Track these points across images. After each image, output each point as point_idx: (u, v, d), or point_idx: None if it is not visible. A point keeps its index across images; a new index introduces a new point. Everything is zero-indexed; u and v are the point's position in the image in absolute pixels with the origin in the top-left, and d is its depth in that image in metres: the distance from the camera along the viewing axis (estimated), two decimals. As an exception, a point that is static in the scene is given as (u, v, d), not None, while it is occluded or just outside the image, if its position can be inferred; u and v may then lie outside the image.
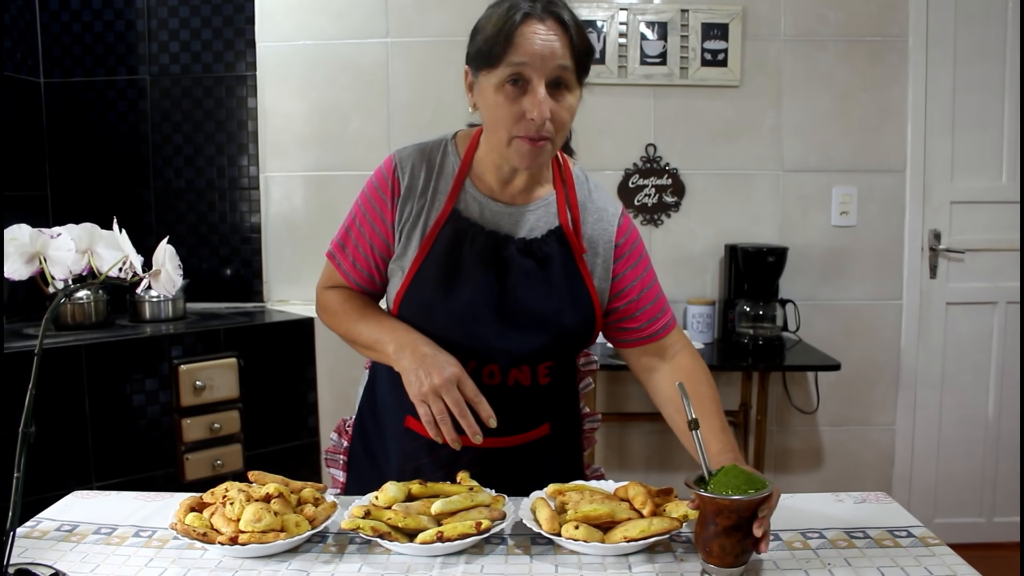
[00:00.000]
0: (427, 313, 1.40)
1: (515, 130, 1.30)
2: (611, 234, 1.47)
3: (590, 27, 3.12)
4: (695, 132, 3.22)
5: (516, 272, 1.40)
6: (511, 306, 1.39)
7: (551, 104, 1.28)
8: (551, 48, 1.26)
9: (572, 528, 1.17)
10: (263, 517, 1.16)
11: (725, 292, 3.21)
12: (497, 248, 1.40)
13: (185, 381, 2.68)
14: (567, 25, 1.28)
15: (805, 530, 1.26)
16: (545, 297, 1.40)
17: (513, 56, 1.26)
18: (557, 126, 1.30)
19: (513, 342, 1.39)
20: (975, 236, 3.27)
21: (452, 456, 1.40)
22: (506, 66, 1.27)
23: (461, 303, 1.38)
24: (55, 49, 3.18)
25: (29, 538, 1.26)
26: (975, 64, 3.20)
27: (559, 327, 1.41)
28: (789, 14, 3.17)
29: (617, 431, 3.35)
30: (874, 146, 3.23)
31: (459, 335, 1.38)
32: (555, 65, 1.27)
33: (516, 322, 1.39)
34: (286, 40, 3.19)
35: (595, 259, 1.46)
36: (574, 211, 1.45)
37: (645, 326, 1.50)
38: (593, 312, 1.44)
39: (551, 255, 1.41)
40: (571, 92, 1.31)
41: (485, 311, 1.38)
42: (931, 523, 3.25)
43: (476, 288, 1.38)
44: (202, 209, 3.25)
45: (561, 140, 1.35)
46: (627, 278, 1.48)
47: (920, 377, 3.33)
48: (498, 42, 1.27)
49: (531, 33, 1.26)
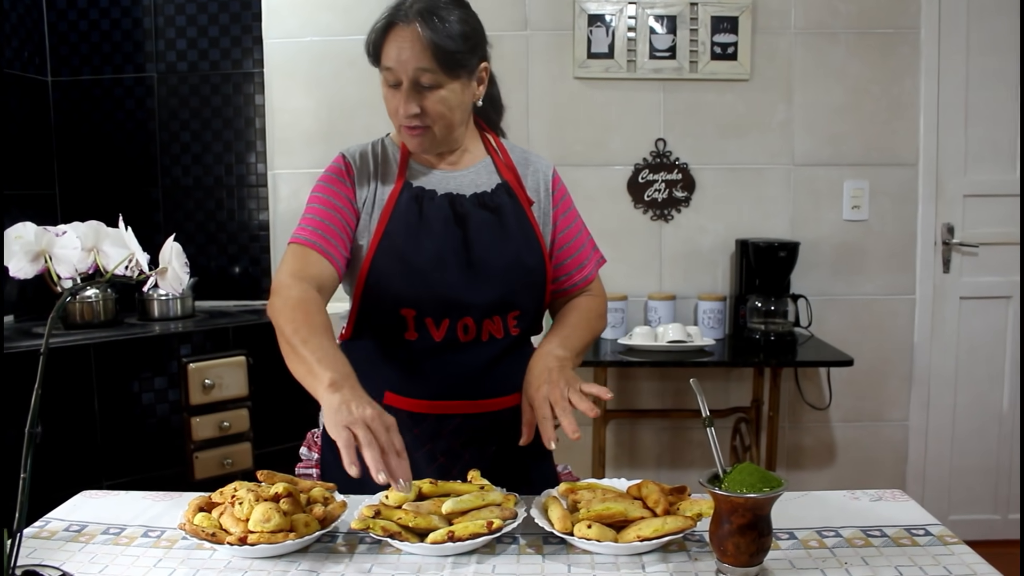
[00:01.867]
0: (397, 272, 1.46)
1: (396, 120, 1.48)
2: (548, 186, 1.61)
3: (598, 21, 3.11)
4: (705, 126, 3.20)
5: (475, 222, 1.50)
6: (475, 254, 1.48)
7: (419, 100, 1.43)
8: (410, 51, 1.40)
9: (585, 527, 1.15)
10: (272, 517, 1.15)
11: (736, 287, 3.19)
12: (453, 204, 1.51)
13: (194, 379, 2.68)
14: (428, 26, 1.40)
15: (821, 528, 1.25)
16: (504, 243, 1.51)
17: (384, 62, 1.44)
18: (434, 117, 1.45)
19: (481, 290, 1.47)
20: (988, 230, 3.23)
21: (435, 428, 1.49)
22: (382, 70, 1.46)
23: (429, 256, 1.46)
24: (62, 47, 3.18)
25: (38, 538, 1.25)
26: (988, 56, 3.17)
27: (520, 270, 1.51)
28: (799, 6, 3.14)
29: (628, 428, 3.33)
30: (886, 139, 3.20)
31: (431, 289, 1.46)
32: (415, 68, 1.41)
33: (481, 269, 1.48)
34: (293, 36, 3.18)
35: (537, 209, 1.59)
36: (513, 170, 1.59)
37: (574, 272, 1.63)
38: (543, 256, 1.55)
39: (503, 205, 1.53)
40: (441, 87, 1.43)
41: (452, 261, 1.47)
42: (945, 520, 3.22)
43: (441, 241, 1.48)
44: (210, 207, 3.24)
45: (445, 126, 1.47)
46: (559, 227, 1.61)
47: (933, 372, 3.30)
48: (372, 48, 1.46)
49: (394, 40, 1.42)
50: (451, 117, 1.47)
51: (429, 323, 1.47)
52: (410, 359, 1.49)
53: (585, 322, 1.59)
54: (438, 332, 1.48)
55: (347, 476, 1.52)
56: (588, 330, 1.59)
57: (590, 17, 3.12)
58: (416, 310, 1.47)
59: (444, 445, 1.50)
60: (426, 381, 1.50)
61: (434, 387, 1.49)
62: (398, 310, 1.47)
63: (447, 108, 1.45)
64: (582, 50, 3.14)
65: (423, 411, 1.49)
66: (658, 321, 3.10)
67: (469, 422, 1.50)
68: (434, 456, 1.50)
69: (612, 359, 2.88)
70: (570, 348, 1.50)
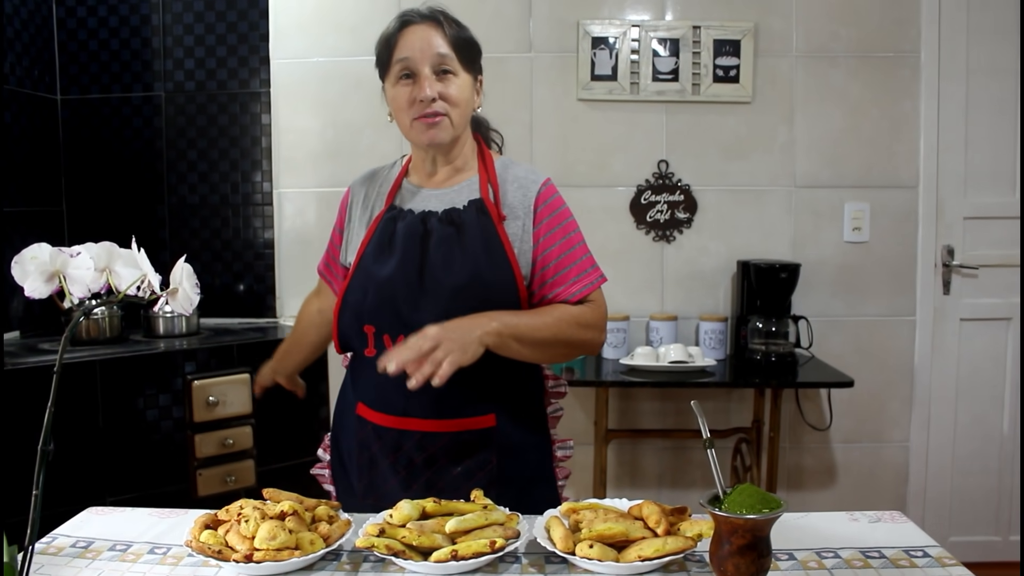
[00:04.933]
0: (362, 290, 1.53)
1: (412, 112, 1.52)
2: (530, 201, 1.57)
3: (602, 44, 3.14)
4: (707, 148, 3.23)
5: (435, 239, 1.52)
6: (429, 272, 1.50)
7: (439, 86, 1.50)
8: (428, 41, 1.50)
9: (586, 547, 1.17)
10: (278, 535, 1.16)
11: (738, 308, 3.20)
12: (422, 222, 1.55)
13: (198, 396, 2.69)
14: (440, 22, 1.52)
15: (820, 549, 1.26)
16: (460, 260, 1.50)
17: (398, 54, 1.51)
18: (450, 103, 1.51)
19: (430, 306, 1.48)
20: (988, 252, 3.25)
21: (396, 441, 1.54)
22: (395, 64, 1.52)
23: (385, 274, 1.52)
24: (72, 67, 3.22)
25: (45, 554, 1.26)
26: (987, 79, 3.20)
27: (477, 287, 1.49)
28: (801, 30, 3.18)
29: (629, 448, 3.34)
30: (887, 162, 3.23)
31: (384, 305, 1.51)
32: (434, 53, 1.50)
33: (432, 286, 1.49)
34: (300, 57, 3.21)
35: (515, 224, 1.55)
36: (494, 185, 1.58)
37: (560, 290, 1.55)
38: (512, 275, 1.52)
39: (468, 221, 1.53)
40: (457, 75, 1.52)
41: (407, 278, 1.50)
42: (946, 541, 3.23)
43: (400, 259, 1.52)
44: (216, 225, 3.27)
45: (459, 116, 1.54)
46: (542, 245, 1.55)
47: (934, 393, 3.31)
48: (386, 47, 1.53)
49: (410, 34, 1.51)
50: (464, 108, 1.55)
51: (387, 340, 1.52)
52: (373, 374, 1.48)
53: (550, 318, 1.51)
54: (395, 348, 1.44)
55: (353, 486, 1.60)
56: (548, 326, 1.50)
57: (594, 40, 3.15)
58: (375, 326, 1.53)
59: (405, 459, 1.54)
60: (386, 397, 1.54)
61: (393, 403, 1.53)
62: (361, 327, 1.54)
63: (462, 97, 1.53)
64: (586, 72, 3.17)
65: (386, 425, 1.55)
66: (660, 341, 3.11)
67: (429, 440, 1.52)
68: (397, 469, 1.54)
69: (614, 379, 2.89)
70: (507, 323, 1.44)
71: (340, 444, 1.68)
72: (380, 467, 1.56)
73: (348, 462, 1.65)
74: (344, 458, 1.67)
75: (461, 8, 1.62)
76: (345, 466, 1.67)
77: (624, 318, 3.14)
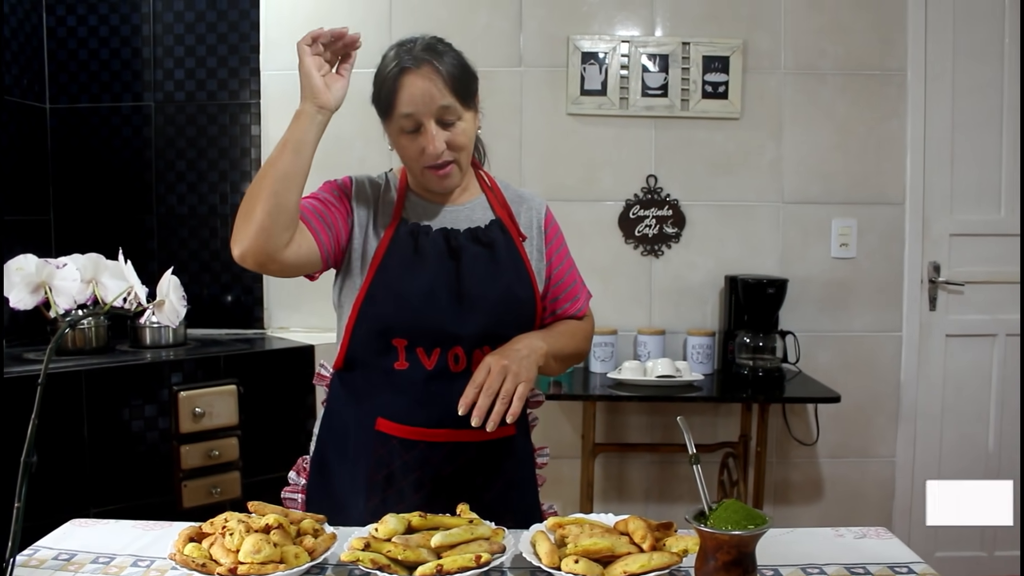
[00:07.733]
0: (391, 304, 1.52)
1: (421, 162, 1.51)
2: (540, 223, 1.67)
3: (592, 59, 3.16)
4: (696, 164, 3.24)
5: (468, 257, 1.55)
6: (466, 287, 1.53)
7: (445, 136, 1.49)
8: (430, 94, 1.46)
9: (572, 562, 1.16)
10: (262, 548, 1.16)
11: (725, 323, 3.21)
12: (448, 239, 1.56)
13: (184, 407, 2.68)
14: (439, 68, 1.46)
15: (805, 565, 1.26)
16: (495, 277, 1.55)
17: (400, 108, 1.47)
18: (457, 149, 1.51)
19: (471, 321, 1.52)
20: (974, 268, 3.28)
21: (425, 456, 1.52)
22: (399, 118, 1.48)
23: (422, 288, 1.51)
24: (61, 76, 3.21)
25: (27, 567, 1.25)
26: (973, 97, 3.23)
27: (511, 302, 1.56)
28: (789, 48, 3.20)
29: (616, 462, 3.34)
30: (874, 178, 3.25)
31: (423, 319, 1.51)
32: (437, 106, 1.47)
33: (472, 302, 1.52)
34: (290, 69, 3.16)
35: (531, 245, 1.64)
36: (506, 207, 1.64)
37: (568, 306, 1.70)
38: (533, 290, 1.60)
39: (496, 240, 1.58)
40: (461, 119, 1.50)
41: (444, 293, 1.52)
42: (932, 557, 3.23)
43: (434, 274, 1.53)
44: (204, 235, 3.26)
45: (467, 157, 1.55)
46: (554, 263, 1.67)
47: (920, 409, 3.32)
48: (384, 98, 1.50)
49: (409, 84, 1.46)
50: (470, 146, 1.55)
51: (420, 353, 1.52)
52: (402, 387, 1.53)
53: (571, 334, 1.65)
54: (429, 361, 1.52)
55: (330, 504, 1.56)
56: (572, 341, 1.65)
57: (584, 55, 3.17)
58: (407, 340, 1.52)
59: (432, 472, 1.53)
60: (418, 409, 1.53)
61: (425, 415, 1.52)
62: (389, 340, 1.52)
63: (468, 139, 1.53)
64: (575, 87, 3.18)
65: (414, 438, 1.52)
66: (647, 356, 3.12)
67: (459, 451, 1.53)
68: (422, 483, 1.52)
69: (601, 393, 2.89)
70: (550, 343, 1.54)
71: (330, 467, 1.63)
72: (398, 484, 1.52)
73: (348, 485, 1.59)
74: (336, 482, 1.61)
75: (452, 25, 1.63)
76: (335, 491, 1.61)
77: (612, 332, 3.14)
